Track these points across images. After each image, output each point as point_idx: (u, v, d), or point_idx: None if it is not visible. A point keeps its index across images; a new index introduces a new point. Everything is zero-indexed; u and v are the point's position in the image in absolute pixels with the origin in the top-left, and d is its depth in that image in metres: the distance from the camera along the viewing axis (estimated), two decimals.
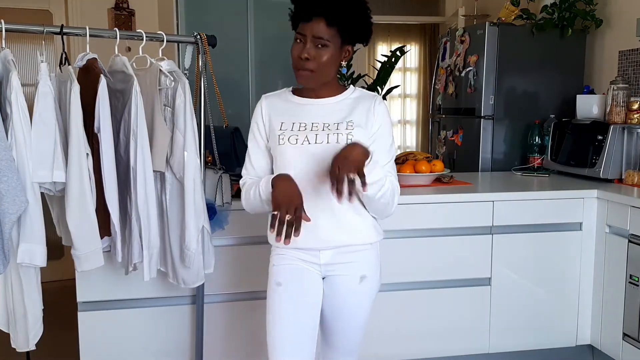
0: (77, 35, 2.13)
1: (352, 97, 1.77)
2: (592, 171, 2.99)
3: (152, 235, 2.12)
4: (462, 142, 3.74)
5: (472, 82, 3.58)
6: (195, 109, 2.20)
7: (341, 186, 1.49)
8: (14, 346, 2.08)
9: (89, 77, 2.01)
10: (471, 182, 3.04)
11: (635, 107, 2.93)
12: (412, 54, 7.63)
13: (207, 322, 2.49)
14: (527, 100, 3.55)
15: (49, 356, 2.82)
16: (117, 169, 2.04)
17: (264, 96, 1.82)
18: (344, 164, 1.50)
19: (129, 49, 2.09)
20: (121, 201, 2.08)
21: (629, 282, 2.57)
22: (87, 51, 2.06)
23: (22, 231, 1.93)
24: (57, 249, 3.69)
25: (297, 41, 1.67)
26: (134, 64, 2.14)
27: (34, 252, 1.94)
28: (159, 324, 2.50)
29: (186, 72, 2.26)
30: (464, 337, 2.75)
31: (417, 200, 2.60)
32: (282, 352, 1.72)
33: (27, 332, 2.04)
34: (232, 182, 2.40)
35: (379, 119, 1.74)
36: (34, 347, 2.08)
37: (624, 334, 2.61)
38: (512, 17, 3.64)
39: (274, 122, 1.75)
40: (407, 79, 7.73)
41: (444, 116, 4.02)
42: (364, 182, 1.51)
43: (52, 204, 2.24)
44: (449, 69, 3.91)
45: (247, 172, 1.83)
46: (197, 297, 2.45)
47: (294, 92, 1.81)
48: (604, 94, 3.20)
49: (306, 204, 1.59)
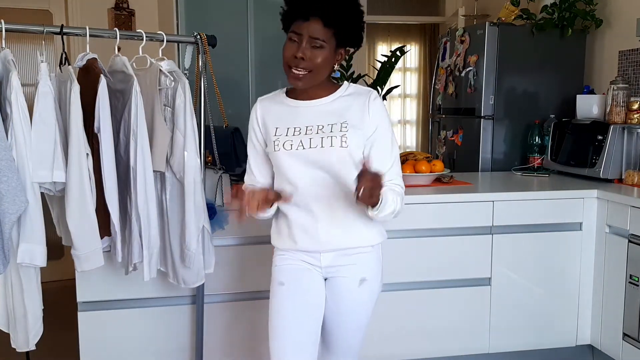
0: (77, 35, 2.14)
1: (347, 95, 1.73)
2: (592, 171, 2.99)
3: (152, 235, 2.12)
4: (462, 142, 3.74)
5: (472, 82, 3.58)
6: (195, 109, 2.20)
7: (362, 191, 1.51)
8: (14, 346, 2.08)
9: (89, 77, 2.01)
10: (471, 182, 3.04)
11: (635, 107, 2.93)
12: (412, 54, 7.63)
13: (207, 322, 2.49)
14: (527, 100, 3.55)
15: (49, 356, 2.82)
16: (117, 169, 2.04)
17: (259, 100, 1.81)
18: (372, 183, 1.51)
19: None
20: (121, 201, 2.08)
21: (629, 282, 2.57)
22: (87, 51, 2.06)
23: (22, 231, 1.93)
24: (57, 249, 3.69)
25: (291, 40, 1.64)
26: (134, 64, 2.14)
27: (34, 252, 1.94)
28: (159, 324, 2.50)
29: (186, 72, 2.26)
30: (464, 337, 2.75)
31: (417, 200, 2.60)
32: (285, 352, 1.72)
33: (27, 332, 2.05)
34: (232, 182, 2.40)
35: (376, 118, 1.70)
36: (34, 347, 2.08)
37: (624, 334, 2.61)
38: (512, 17, 3.64)
39: (269, 127, 1.74)
40: (407, 79, 7.73)
41: (444, 116, 4.02)
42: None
43: (52, 204, 2.23)
44: (449, 69, 3.91)
45: (249, 178, 1.82)
46: (197, 297, 2.45)
47: (288, 93, 1.78)
48: (604, 94, 3.20)
49: (306, 207, 1.68)
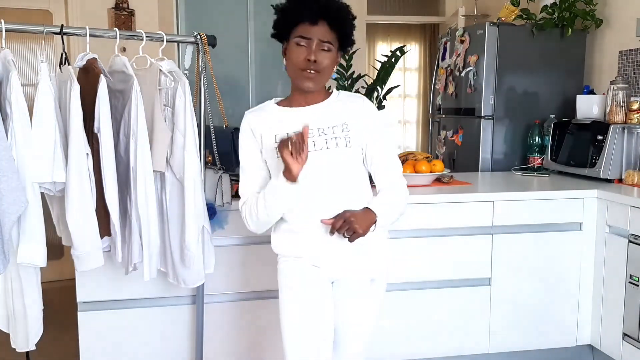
0: (77, 35, 2.13)
1: (340, 100, 1.77)
2: (592, 171, 2.99)
3: (152, 235, 2.12)
4: (462, 142, 3.74)
5: (472, 82, 3.58)
6: (195, 109, 2.20)
7: (334, 231, 1.63)
8: (14, 346, 2.08)
9: (89, 77, 2.01)
10: (471, 182, 3.04)
11: (635, 107, 2.93)
12: (412, 54, 7.63)
13: (207, 322, 2.49)
14: (527, 100, 3.55)
15: (49, 356, 2.82)
16: (117, 169, 2.04)
17: (247, 113, 1.78)
18: (346, 223, 1.61)
19: (124, 49, 2.09)
20: (121, 201, 2.08)
21: (629, 282, 2.57)
22: (87, 51, 2.06)
23: (22, 231, 1.93)
24: (57, 249, 3.70)
25: (299, 45, 1.65)
26: (134, 64, 2.14)
27: (34, 252, 1.94)
28: (159, 324, 2.50)
29: (186, 72, 2.26)
30: (464, 337, 2.75)
31: (417, 200, 2.60)
32: (302, 356, 1.71)
33: (27, 332, 2.04)
34: (232, 182, 2.40)
35: (371, 120, 1.74)
36: (34, 347, 2.08)
37: (624, 334, 2.61)
38: (512, 17, 3.64)
39: (266, 136, 1.72)
40: (407, 79, 7.73)
41: (444, 116, 4.02)
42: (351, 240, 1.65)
43: (52, 204, 2.23)
44: (449, 69, 3.91)
45: (245, 190, 1.76)
46: (197, 297, 2.45)
47: (280, 104, 1.78)
48: (604, 94, 3.20)
49: (311, 212, 1.68)
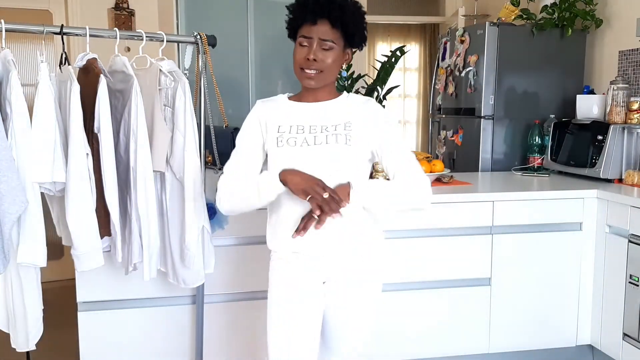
0: (77, 35, 2.13)
1: (348, 101, 1.78)
2: (592, 171, 2.99)
3: (152, 235, 2.12)
4: (462, 142, 3.74)
5: (472, 82, 3.58)
6: (195, 109, 2.20)
7: (300, 226, 1.62)
8: (14, 346, 2.07)
9: (89, 77, 2.00)
10: (471, 182, 3.04)
11: (635, 107, 2.93)
12: (412, 54, 7.63)
13: (207, 322, 2.49)
14: (527, 100, 3.55)
15: (49, 356, 2.82)
16: (117, 169, 2.04)
17: (259, 101, 1.82)
18: (312, 212, 1.59)
19: (129, 49, 2.09)
20: (121, 201, 2.08)
21: (629, 282, 2.57)
22: (87, 51, 2.06)
23: (22, 231, 1.93)
24: (57, 249, 3.69)
25: (301, 45, 1.67)
26: (134, 64, 2.14)
27: (34, 252, 1.94)
28: (159, 324, 2.50)
29: (186, 72, 2.26)
30: (464, 337, 2.75)
31: None
32: (284, 357, 1.71)
33: (27, 332, 2.04)
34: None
35: (382, 122, 1.73)
36: (34, 347, 2.07)
37: (624, 334, 2.61)
38: (512, 17, 3.64)
39: (271, 125, 1.74)
40: (407, 79, 7.73)
41: (444, 116, 4.02)
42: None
43: (52, 204, 2.23)
44: (449, 69, 3.91)
45: (230, 168, 1.75)
46: (197, 297, 2.45)
47: (290, 98, 1.81)
48: (604, 94, 3.20)
49: (306, 208, 1.64)
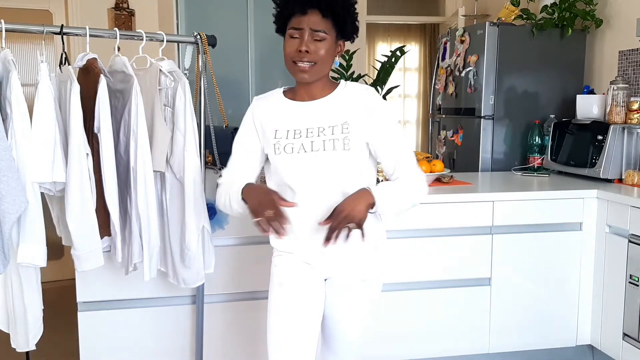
0: (77, 35, 2.13)
1: (345, 93, 1.72)
2: (592, 171, 2.99)
3: (152, 235, 2.12)
4: (462, 142, 3.74)
5: (472, 82, 3.58)
6: (195, 109, 2.20)
7: (332, 236, 1.56)
8: (14, 346, 2.08)
9: (89, 77, 2.00)
10: (471, 182, 3.04)
11: (635, 107, 2.93)
12: (412, 54, 7.63)
13: (207, 322, 2.49)
14: (527, 100, 3.55)
15: (49, 356, 2.82)
16: (117, 169, 2.04)
17: (255, 99, 1.79)
18: (344, 219, 1.55)
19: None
20: (121, 201, 2.08)
21: (629, 282, 2.57)
22: (87, 51, 2.06)
23: (22, 231, 1.93)
24: (57, 249, 3.69)
25: (292, 37, 1.64)
26: (134, 64, 2.14)
27: (34, 252, 1.94)
28: (159, 324, 2.50)
29: (186, 72, 2.26)
30: (464, 337, 2.75)
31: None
32: (282, 352, 1.71)
33: (27, 332, 2.04)
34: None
35: (378, 115, 1.69)
36: (34, 347, 2.08)
37: (624, 334, 2.61)
38: (512, 17, 3.64)
39: (268, 129, 1.72)
40: (407, 79, 7.73)
41: (444, 116, 4.02)
42: (363, 234, 1.59)
43: (52, 204, 2.24)
44: (449, 69, 3.91)
45: (226, 171, 1.78)
46: (197, 297, 2.45)
47: (286, 93, 1.76)
48: (604, 94, 3.20)
49: (305, 212, 1.66)
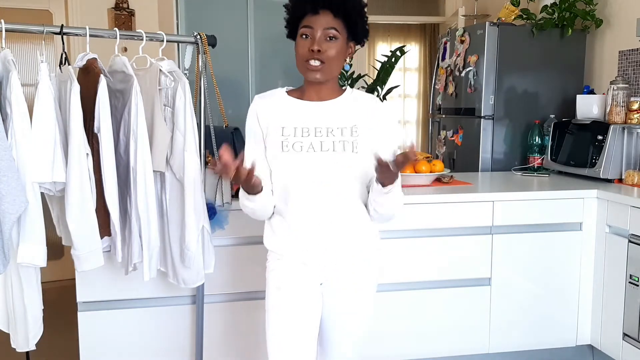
0: (77, 35, 2.13)
1: (354, 98, 1.73)
2: (592, 171, 2.99)
3: (152, 235, 2.12)
4: (462, 142, 3.74)
5: (472, 82, 3.58)
6: (195, 109, 2.20)
7: (394, 169, 1.51)
8: (14, 346, 2.08)
9: (89, 77, 2.01)
10: (471, 182, 3.04)
11: (635, 107, 2.93)
12: (412, 54, 7.64)
13: (207, 322, 2.49)
14: (527, 100, 3.55)
15: (49, 356, 2.82)
16: (117, 169, 2.04)
17: (257, 97, 1.75)
18: (402, 164, 1.50)
19: (125, 49, 2.09)
20: (121, 201, 2.08)
21: (629, 282, 2.57)
22: (87, 51, 2.06)
23: (22, 231, 1.93)
24: (57, 249, 3.69)
25: (304, 37, 1.63)
26: (134, 64, 2.14)
27: (34, 252, 1.94)
28: (159, 324, 2.50)
29: (186, 72, 2.26)
30: (464, 337, 2.75)
31: (417, 200, 2.60)
32: (283, 353, 1.71)
33: (27, 332, 2.04)
34: (232, 182, 2.40)
35: (385, 123, 1.71)
36: (34, 347, 2.07)
37: (624, 334, 2.61)
38: (512, 17, 3.65)
39: (273, 126, 1.69)
40: (407, 79, 7.74)
41: (444, 116, 4.02)
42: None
43: (52, 204, 2.23)
44: (449, 69, 3.91)
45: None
46: (197, 297, 2.45)
47: (290, 93, 1.75)
48: (604, 94, 3.20)
49: (305, 212, 1.66)
